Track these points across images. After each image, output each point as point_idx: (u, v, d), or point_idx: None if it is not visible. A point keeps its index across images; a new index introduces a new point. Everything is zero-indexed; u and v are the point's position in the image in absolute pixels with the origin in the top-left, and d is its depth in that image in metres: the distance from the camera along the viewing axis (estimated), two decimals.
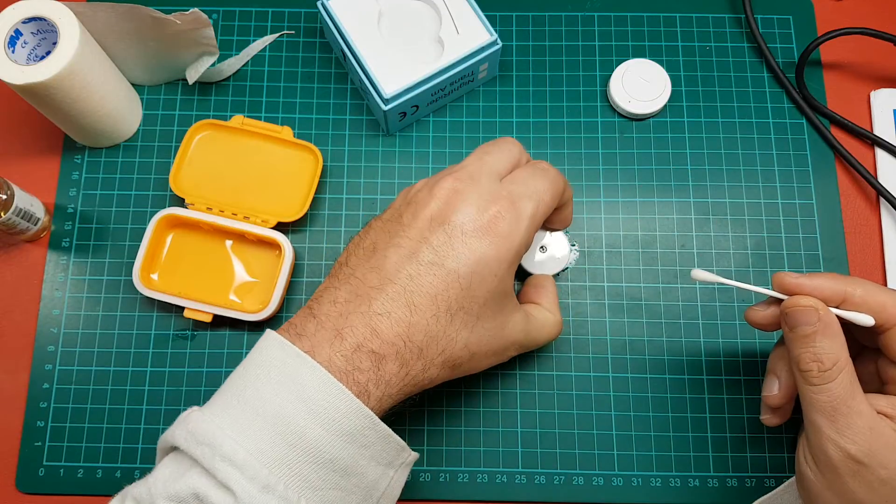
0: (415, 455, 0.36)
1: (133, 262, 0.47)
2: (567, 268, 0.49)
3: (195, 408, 0.34)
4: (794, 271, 0.48)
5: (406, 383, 0.34)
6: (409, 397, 0.36)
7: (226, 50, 0.53)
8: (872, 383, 0.39)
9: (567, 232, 0.50)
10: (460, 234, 0.34)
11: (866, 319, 0.35)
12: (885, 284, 0.49)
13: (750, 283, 0.38)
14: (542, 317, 0.42)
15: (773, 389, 0.39)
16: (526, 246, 0.37)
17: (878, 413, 0.34)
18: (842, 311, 0.36)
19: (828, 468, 0.34)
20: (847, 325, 0.36)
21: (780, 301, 0.38)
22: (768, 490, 0.45)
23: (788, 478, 0.46)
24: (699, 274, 0.39)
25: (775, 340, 0.48)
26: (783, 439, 0.47)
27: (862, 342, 0.39)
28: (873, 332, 0.36)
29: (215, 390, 0.47)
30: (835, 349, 0.34)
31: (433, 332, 0.34)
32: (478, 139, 0.52)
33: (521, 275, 0.49)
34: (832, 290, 0.35)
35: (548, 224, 0.44)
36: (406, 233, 0.35)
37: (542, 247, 0.48)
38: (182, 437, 0.32)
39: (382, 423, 0.33)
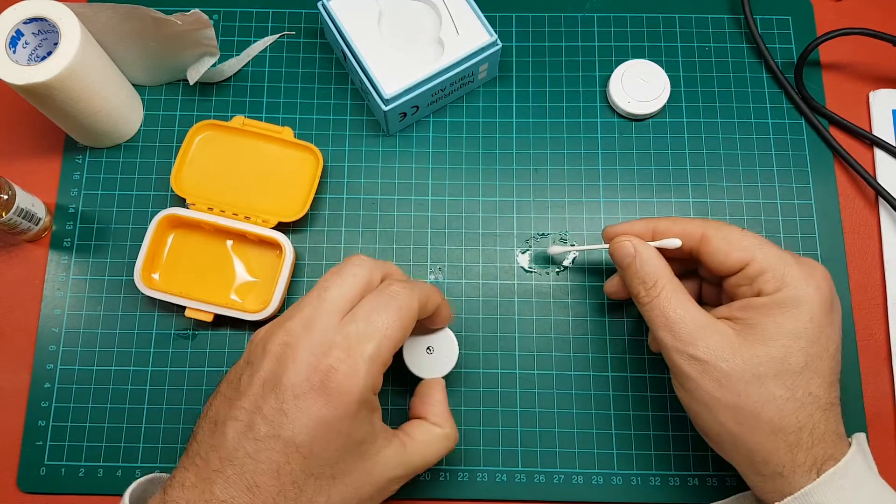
0: None
1: (134, 262, 0.47)
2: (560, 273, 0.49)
3: None
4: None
5: None
6: None
7: (226, 50, 0.54)
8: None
9: (567, 232, 0.50)
10: (292, 397, 0.32)
11: (673, 242, 0.40)
12: (885, 284, 0.49)
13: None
14: (424, 437, 0.38)
15: (613, 282, 0.45)
16: (373, 389, 0.34)
17: (719, 319, 0.38)
18: (653, 242, 0.41)
19: (684, 378, 0.37)
20: (696, 272, 0.43)
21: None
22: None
23: None
24: (554, 249, 0.47)
25: None
26: None
27: (710, 281, 0.43)
28: (700, 262, 0.41)
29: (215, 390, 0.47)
30: (652, 269, 0.39)
31: None
32: (478, 139, 0.52)
33: (411, 378, 0.46)
34: (642, 227, 0.42)
35: (428, 324, 0.42)
36: (241, 402, 0.33)
37: (428, 348, 0.44)
38: None
39: None
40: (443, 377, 0.43)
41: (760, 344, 0.36)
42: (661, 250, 0.40)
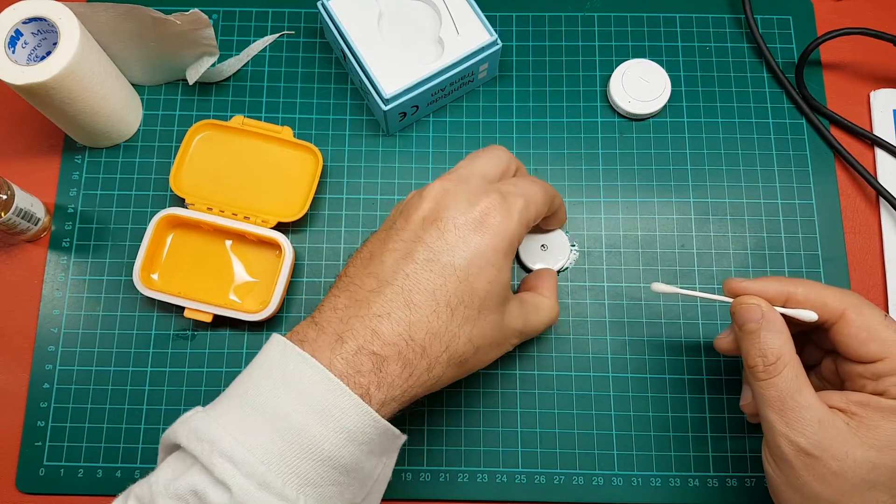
0: (404, 437, 0.36)
1: (133, 262, 0.47)
2: (567, 267, 0.49)
3: (199, 408, 0.34)
4: (778, 274, 0.49)
5: (411, 384, 0.34)
6: (415, 400, 0.36)
7: (226, 50, 0.53)
8: (835, 384, 0.40)
9: (567, 232, 0.50)
10: (453, 228, 0.35)
11: (809, 315, 0.37)
12: (886, 284, 0.49)
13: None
14: (537, 302, 0.41)
15: (748, 398, 0.41)
16: (519, 239, 0.37)
17: (831, 408, 0.35)
18: (786, 309, 0.37)
19: (783, 463, 0.35)
20: (809, 334, 0.39)
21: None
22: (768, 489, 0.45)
23: None
24: (658, 287, 0.40)
25: None
26: None
27: (821, 346, 0.41)
28: (824, 332, 0.38)
29: (215, 390, 0.47)
30: (778, 344, 0.36)
31: (435, 329, 0.34)
32: (478, 139, 0.52)
33: (524, 273, 0.49)
34: (776, 290, 0.38)
35: (544, 225, 0.45)
36: (400, 235, 0.35)
37: (542, 245, 0.48)
38: (184, 434, 0.32)
39: (381, 418, 0.33)
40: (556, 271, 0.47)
41: (876, 450, 0.34)
42: (787, 317, 0.37)
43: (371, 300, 0.34)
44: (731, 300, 0.39)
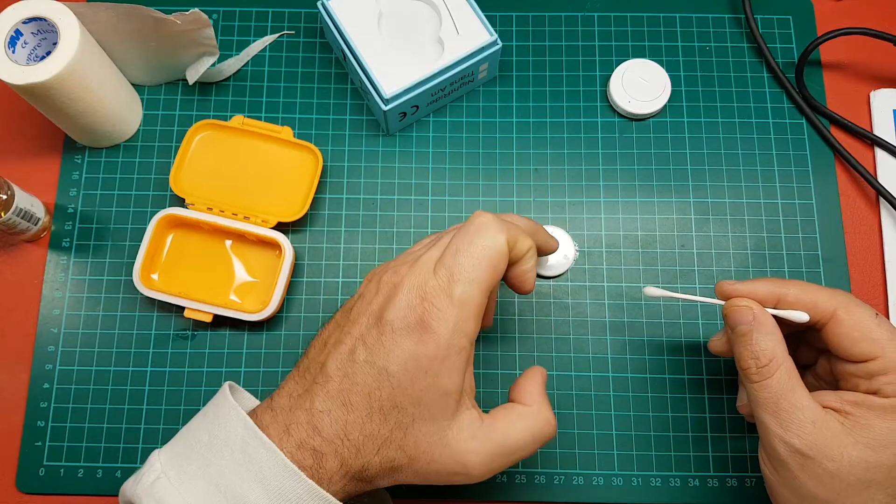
0: None
1: (133, 262, 0.47)
2: (568, 268, 0.49)
3: (160, 468, 0.34)
4: (777, 274, 0.49)
5: (347, 481, 0.34)
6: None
7: (226, 50, 0.53)
8: (830, 383, 0.40)
9: (568, 232, 0.50)
10: (391, 331, 0.34)
11: (800, 316, 0.37)
12: (886, 284, 0.49)
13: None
14: (506, 414, 0.37)
15: (744, 399, 0.42)
16: (464, 333, 0.34)
17: (826, 408, 0.35)
18: (777, 310, 0.37)
19: (779, 464, 0.35)
20: (803, 335, 0.39)
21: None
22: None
23: None
24: (651, 291, 0.40)
25: None
26: None
27: (815, 346, 0.41)
28: (816, 332, 0.38)
29: (215, 390, 0.47)
30: (770, 346, 0.36)
31: (368, 432, 0.34)
32: (478, 139, 0.52)
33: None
34: (767, 291, 0.38)
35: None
36: (350, 329, 0.35)
37: None
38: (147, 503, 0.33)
39: (334, 499, 0.33)
40: (559, 274, 0.47)
41: (871, 449, 0.34)
42: (779, 319, 0.37)
43: (315, 393, 0.34)
44: (723, 303, 0.39)
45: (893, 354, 0.35)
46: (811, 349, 0.41)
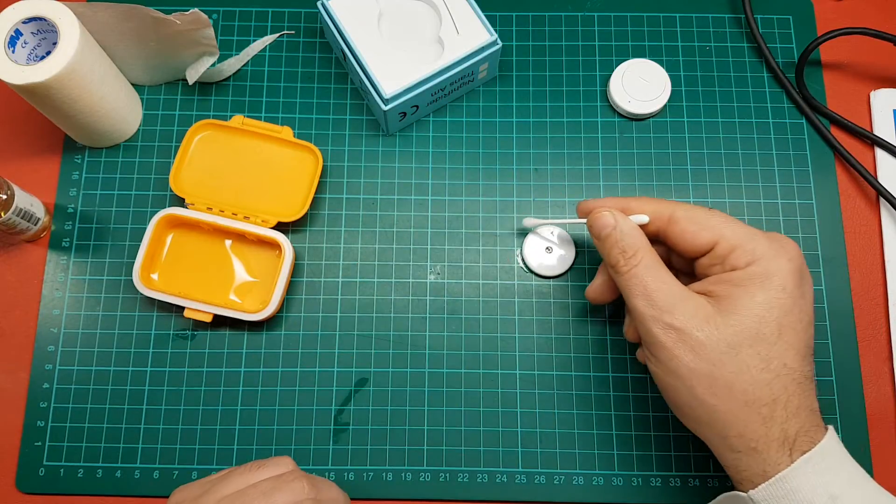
0: None
1: (133, 262, 0.47)
2: (568, 268, 0.49)
3: None
4: None
5: None
6: None
7: (226, 50, 0.53)
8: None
9: (570, 232, 0.50)
10: None
11: (641, 218, 0.41)
12: (886, 284, 0.49)
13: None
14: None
15: (627, 322, 0.44)
16: None
17: (694, 291, 0.38)
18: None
19: (657, 348, 0.37)
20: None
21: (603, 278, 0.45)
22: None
23: None
24: (529, 221, 0.47)
25: None
26: None
27: (677, 268, 0.43)
28: (664, 240, 0.41)
29: (215, 390, 0.47)
30: (633, 240, 0.39)
31: None
32: (478, 139, 0.52)
33: (530, 275, 0.49)
34: (614, 204, 0.42)
35: None
36: None
37: (547, 247, 0.48)
38: None
39: None
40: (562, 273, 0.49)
41: (734, 314, 0.36)
42: None
43: None
44: (585, 221, 0.42)
45: (731, 233, 0.38)
46: (684, 276, 0.43)
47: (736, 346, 0.36)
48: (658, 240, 0.42)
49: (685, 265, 0.43)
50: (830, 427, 0.37)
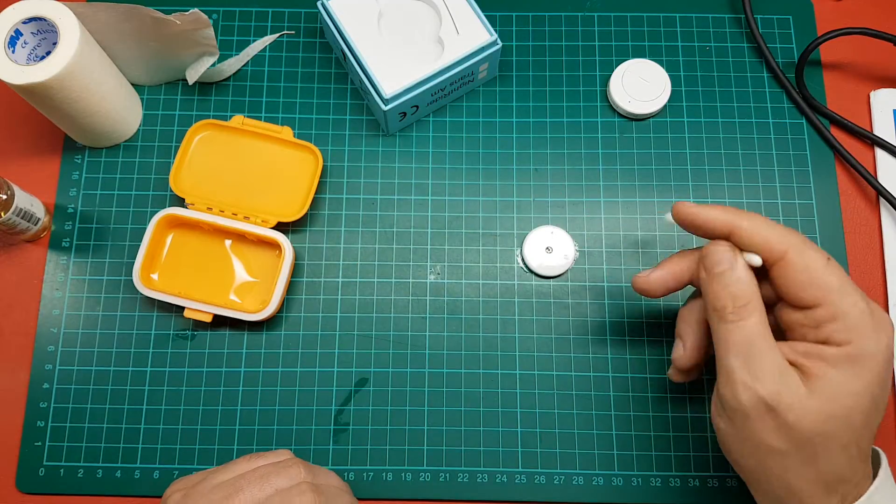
0: None
1: (133, 262, 0.47)
2: (568, 268, 0.49)
3: None
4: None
5: None
6: None
7: (226, 50, 0.53)
8: (775, 334, 0.39)
9: (570, 232, 0.50)
10: None
11: (755, 260, 0.36)
12: (886, 284, 0.49)
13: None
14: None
15: (680, 350, 0.40)
16: None
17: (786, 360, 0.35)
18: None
19: (738, 414, 0.34)
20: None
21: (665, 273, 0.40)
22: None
23: None
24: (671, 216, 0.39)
25: None
26: None
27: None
28: (764, 272, 0.37)
29: (215, 390, 0.48)
30: (748, 288, 0.35)
31: None
32: (478, 139, 0.52)
33: (530, 275, 0.49)
34: (723, 221, 0.36)
35: None
36: None
37: (547, 248, 0.48)
38: None
39: None
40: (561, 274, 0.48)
41: (827, 401, 0.33)
42: None
43: None
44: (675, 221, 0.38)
45: (840, 301, 0.34)
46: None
47: (823, 433, 0.33)
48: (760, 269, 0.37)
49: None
50: (881, 469, 0.36)
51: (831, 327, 0.34)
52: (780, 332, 0.38)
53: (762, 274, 0.37)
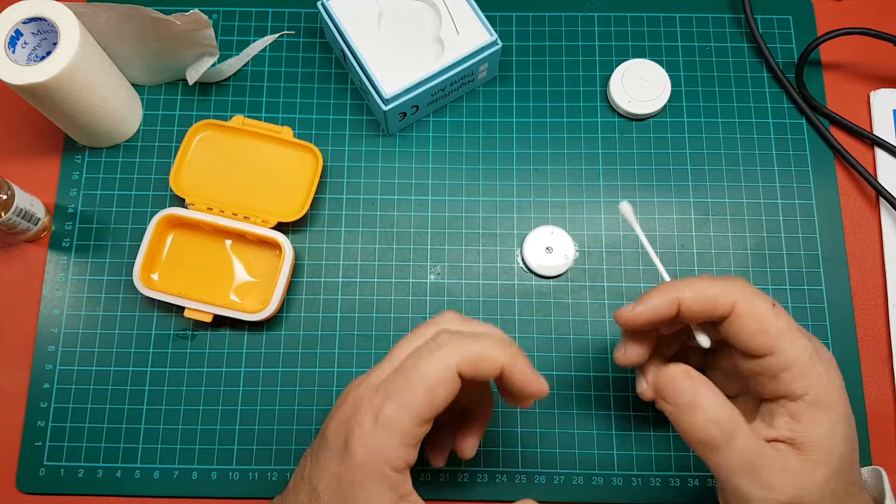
0: None
1: (133, 262, 0.47)
2: (568, 268, 0.49)
3: None
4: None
5: None
6: None
7: (226, 50, 0.53)
8: (737, 380, 0.38)
9: (570, 232, 0.50)
10: (326, 449, 0.33)
11: (704, 341, 0.35)
12: (886, 284, 0.49)
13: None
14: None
15: (643, 385, 0.40)
16: (390, 462, 0.31)
17: (769, 441, 0.33)
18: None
19: None
20: (704, 325, 0.37)
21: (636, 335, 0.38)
22: None
23: None
24: (625, 209, 0.38)
25: None
26: None
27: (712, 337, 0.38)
28: (716, 325, 0.35)
29: (215, 390, 0.47)
30: (724, 406, 0.32)
31: None
32: (478, 139, 0.52)
33: (532, 276, 0.49)
34: (666, 302, 0.35)
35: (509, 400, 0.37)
36: (312, 445, 0.35)
37: (547, 248, 0.48)
38: None
39: None
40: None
41: (823, 464, 0.32)
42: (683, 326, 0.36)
43: (284, 500, 0.35)
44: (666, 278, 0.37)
45: (790, 347, 0.33)
46: (697, 353, 0.40)
47: (828, 489, 0.32)
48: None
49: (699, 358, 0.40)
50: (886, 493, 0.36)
51: (787, 377, 0.33)
52: (743, 380, 0.37)
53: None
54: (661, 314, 0.35)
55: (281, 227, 0.49)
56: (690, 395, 0.32)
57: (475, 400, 0.39)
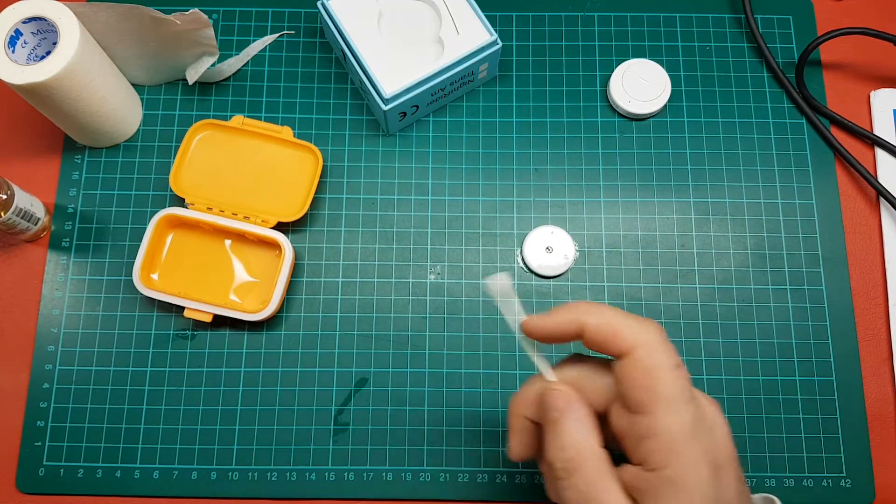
0: None
1: (133, 262, 0.47)
2: (568, 268, 0.49)
3: None
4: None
5: None
6: None
7: (226, 50, 0.53)
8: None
9: (570, 232, 0.50)
10: None
11: (548, 374, 0.34)
12: (886, 284, 0.49)
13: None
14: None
15: (520, 442, 0.36)
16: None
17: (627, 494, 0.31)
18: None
19: None
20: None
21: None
22: (768, 489, 0.45)
23: (789, 477, 0.46)
24: (498, 283, 0.36)
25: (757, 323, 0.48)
26: (783, 439, 0.47)
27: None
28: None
29: (215, 390, 0.48)
30: (578, 437, 0.31)
31: None
32: (478, 139, 0.52)
33: (532, 276, 0.49)
34: (569, 320, 0.33)
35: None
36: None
37: (547, 247, 0.48)
38: None
39: None
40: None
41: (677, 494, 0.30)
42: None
43: None
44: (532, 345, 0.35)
45: (664, 414, 0.30)
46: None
47: None
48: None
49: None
50: None
51: (648, 445, 0.31)
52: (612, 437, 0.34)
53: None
54: (562, 330, 0.34)
55: (281, 226, 0.49)
56: (557, 415, 0.32)
57: None
